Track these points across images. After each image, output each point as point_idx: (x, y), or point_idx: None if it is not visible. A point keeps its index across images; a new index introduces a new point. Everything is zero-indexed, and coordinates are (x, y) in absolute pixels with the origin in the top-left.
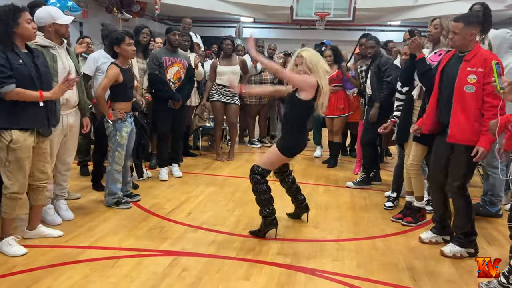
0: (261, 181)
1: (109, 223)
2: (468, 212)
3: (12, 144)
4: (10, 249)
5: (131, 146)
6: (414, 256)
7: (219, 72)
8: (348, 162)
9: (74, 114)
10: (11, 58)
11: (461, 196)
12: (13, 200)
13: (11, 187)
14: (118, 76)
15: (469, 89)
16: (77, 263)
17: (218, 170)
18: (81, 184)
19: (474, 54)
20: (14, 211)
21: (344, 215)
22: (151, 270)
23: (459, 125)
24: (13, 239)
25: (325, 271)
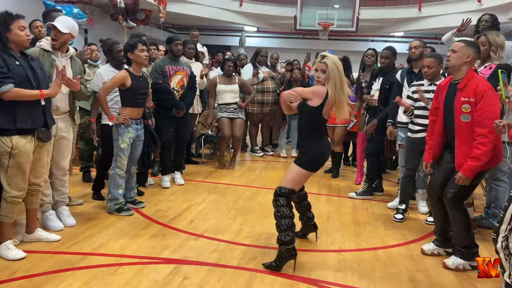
0: (284, 204)
1: (110, 230)
2: (465, 225)
3: (13, 150)
4: (9, 253)
5: (137, 153)
6: (416, 267)
7: (219, 91)
8: (351, 172)
9: (64, 120)
10: (7, 59)
11: (457, 209)
12: (13, 204)
13: (11, 191)
14: (125, 81)
15: (465, 119)
16: (78, 270)
17: (220, 178)
18: (84, 191)
19: (467, 81)
20: (13, 215)
21: (346, 226)
22: (152, 278)
23: (464, 154)
24: (11, 243)
25: (327, 282)
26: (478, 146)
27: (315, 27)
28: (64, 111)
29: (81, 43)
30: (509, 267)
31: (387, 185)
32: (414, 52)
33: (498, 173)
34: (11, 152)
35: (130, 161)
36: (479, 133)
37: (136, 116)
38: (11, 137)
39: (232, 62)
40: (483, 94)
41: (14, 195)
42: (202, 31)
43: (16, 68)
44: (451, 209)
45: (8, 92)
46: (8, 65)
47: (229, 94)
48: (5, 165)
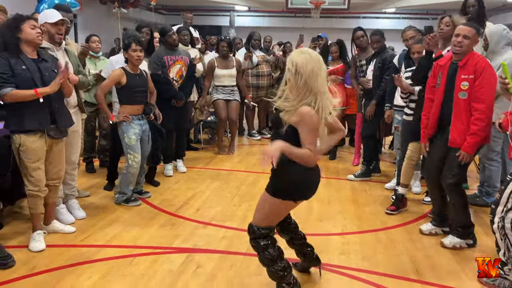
0: (267, 244)
1: (121, 221)
2: (463, 206)
3: (20, 147)
4: (34, 244)
5: (146, 149)
6: (416, 248)
7: (216, 74)
8: (347, 153)
9: (74, 114)
10: (14, 63)
11: (456, 192)
12: (33, 197)
13: (29, 185)
14: (120, 79)
15: (462, 96)
16: (95, 262)
17: (220, 164)
18: (89, 182)
19: (467, 59)
20: (37, 207)
21: (347, 208)
22: (167, 268)
23: (458, 131)
24: (40, 234)
25: (332, 265)
26: (475, 122)
27: (307, 5)
28: (74, 105)
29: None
30: (504, 246)
31: (383, 165)
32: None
33: (490, 153)
34: (19, 149)
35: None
36: (477, 108)
37: (136, 113)
38: (20, 134)
39: (226, 42)
40: (482, 70)
41: (32, 189)
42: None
43: (22, 72)
44: (450, 192)
45: (7, 95)
46: (14, 70)
47: (227, 78)
48: (19, 161)
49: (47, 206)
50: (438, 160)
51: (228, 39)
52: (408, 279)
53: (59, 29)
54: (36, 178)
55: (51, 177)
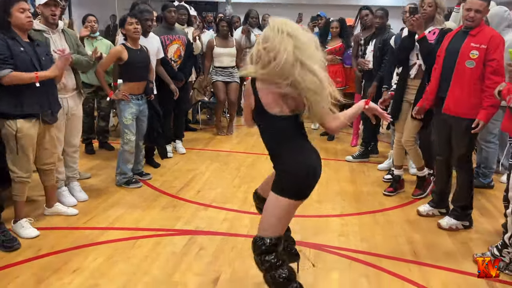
0: (276, 264)
1: (123, 204)
2: (469, 186)
3: (17, 133)
4: (23, 231)
5: (143, 128)
6: (413, 229)
7: (216, 53)
8: (345, 134)
9: (73, 97)
10: (12, 45)
11: (465, 170)
12: (22, 184)
13: (18, 172)
14: (121, 54)
15: (470, 64)
16: (99, 244)
17: (219, 145)
18: (89, 164)
19: (480, 30)
20: (23, 194)
21: (345, 190)
22: (170, 250)
23: (454, 98)
24: (26, 221)
25: (332, 246)
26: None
27: None
28: (72, 88)
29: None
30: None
31: (381, 146)
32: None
33: (488, 135)
34: (16, 135)
35: (137, 136)
36: (497, 81)
37: (137, 92)
38: (15, 120)
39: (226, 22)
40: (498, 44)
41: (21, 176)
42: None
43: (20, 54)
44: (461, 171)
45: (5, 77)
46: (13, 51)
47: (226, 57)
48: (12, 148)
49: (47, 189)
50: (446, 138)
51: (228, 18)
52: (405, 260)
53: (51, 10)
54: (29, 163)
55: (45, 161)
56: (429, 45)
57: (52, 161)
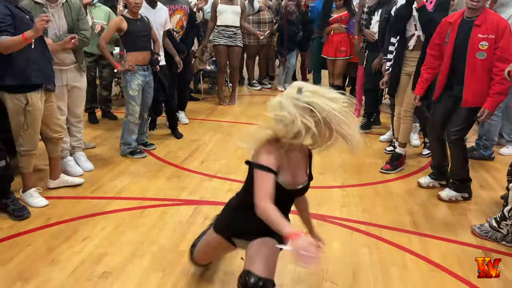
0: None
1: (128, 173)
2: (464, 161)
3: (28, 106)
4: (32, 200)
5: (148, 100)
6: (413, 200)
7: (220, 11)
8: None
9: (72, 70)
10: (17, 13)
11: (459, 146)
12: (28, 157)
13: (25, 145)
14: (120, 25)
15: (481, 56)
16: (107, 214)
17: (222, 115)
18: (93, 133)
19: (484, 18)
20: (30, 165)
21: (347, 161)
22: (177, 219)
23: (473, 91)
24: (35, 191)
25: (334, 217)
26: (502, 81)
27: None
28: (70, 62)
29: None
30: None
31: (384, 117)
32: None
33: None
34: (26, 109)
35: (142, 107)
36: (502, 68)
37: (142, 62)
38: (25, 94)
39: None
40: (504, 30)
41: (28, 149)
42: None
43: (29, 22)
44: (453, 146)
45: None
46: (23, 18)
47: (230, 15)
48: (20, 122)
49: (52, 160)
50: (443, 117)
51: None
52: (405, 231)
53: None
54: (36, 137)
55: (55, 129)
56: (428, 14)
57: (60, 130)
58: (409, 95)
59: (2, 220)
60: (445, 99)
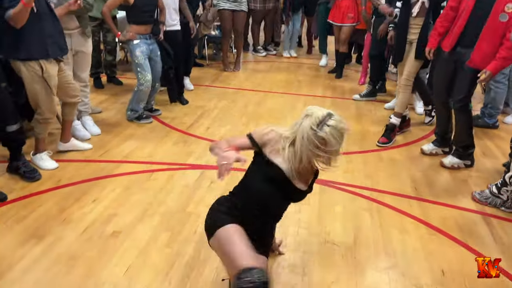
0: None
1: (135, 138)
2: (469, 127)
3: (44, 74)
4: (43, 163)
5: (157, 69)
6: (415, 167)
7: None
8: (354, 72)
9: (76, 35)
10: None
11: (464, 112)
12: (46, 124)
13: (44, 114)
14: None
15: (503, 18)
16: (116, 177)
17: (227, 82)
18: (99, 98)
19: None
20: (46, 132)
21: (352, 128)
22: (184, 183)
23: (481, 52)
24: (46, 154)
25: (337, 182)
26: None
27: None
28: (74, 26)
29: None
30: None
31: (389, 85)
32: None
33: (499, 75)
34: (43, 76)
35: (153, 77)
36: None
37: (144, 32)
38: (39, 61)
39: None
40: None
41: (47, 117)
42: None
43: None
44: (458, 112)
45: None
46: None
47: None
48: (37, 90)
49: (65, 123)
50: (447, 81)
51: None
52: (406, 196)
53: None
54: (54, 104)
55: (71, 94)
56: None
57: (77, 94)
58: (410, 64)
59: (14, 181)
60: (448, 64)
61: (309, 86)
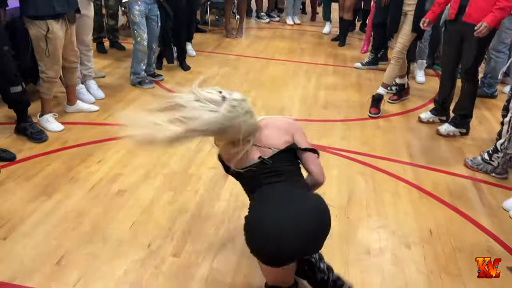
0: None
1: (138, 102)
2: (473, 96)
3: (48, 33)
4: (49, 125)
5: (155, 29)
6: (412, 134)
7: None
8: (357, 39)
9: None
10: None
11: (472, 81)
12: (50, 83)
13: (48, 72)
14: None
15: None
16: (120, 139)
17: (229, 48)
18: (102, 62)
19: None
20: (51, 92)
21: (351, 96)
22: (185, 146)
23: (477, 5)
24: (51, 116)
25: (334, 148)
26: None
27: None
28: None
29: None
30: (506, 137)
31: (391, 53)
32: None
33: (500, 44)
34: (47, 36)
35: (150, 37)
36: None
37: None
38: (46, 21)
39: None
40: None
41: (51, 76)
42: None
43: None
44: (467, 82)
45: None
46: None
47: None
48: (42, 49)
49: (69, 87)
50: (454, 51)
51: None
52: (401, 161)
53: None
54: (58, 64)
55: (69, 59)
56: None
57: (76, 59)
58: (404, 35)
59: (22, 142)
60: (453, 36)
61: (311, 53)
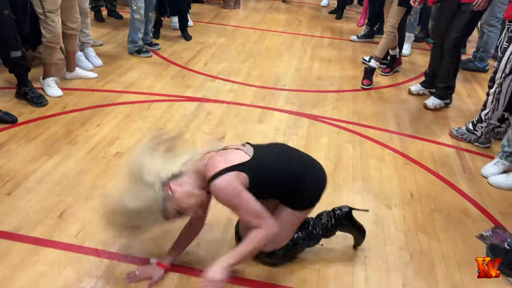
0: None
1: (135, 70)
2: (455, 69)
3: None
4: (50, 89)
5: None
6: (402, 106)
7: None
8: (354, 13)
9: None
10: None
11: (454, 53)
12: (50, 48)
13: (48, 37)
14: None
15: None
16: (117, 105)
17: (226, 19)
18: (100, 31)
19: None
20: (52, 57)
21: (345, 68)
22: (182, 112)
23: None
24: (53, 80)
25: (325, 117)
26: None
27: None
28: None
29: None
30: (490, 107)
31: None
32: None
33: (492, 18)
34: (43, 1)
35: (147, 6)
36: None
37: None
38: None
39: None
40: None
41: (50, 40)
42: None
43: None
44: (449, 53)
45: None
46: None
47: None
48: (39, 12)
49: (68, 54)
50: (446, 23)
51: None
52: (389, 131)
53: None
54: (56, 28)
55: (69, 26)
56: None
57: (76, 26)
58: (394, 10)
59: (23, 106)
60: (445, 9)
61: (308, 26)
